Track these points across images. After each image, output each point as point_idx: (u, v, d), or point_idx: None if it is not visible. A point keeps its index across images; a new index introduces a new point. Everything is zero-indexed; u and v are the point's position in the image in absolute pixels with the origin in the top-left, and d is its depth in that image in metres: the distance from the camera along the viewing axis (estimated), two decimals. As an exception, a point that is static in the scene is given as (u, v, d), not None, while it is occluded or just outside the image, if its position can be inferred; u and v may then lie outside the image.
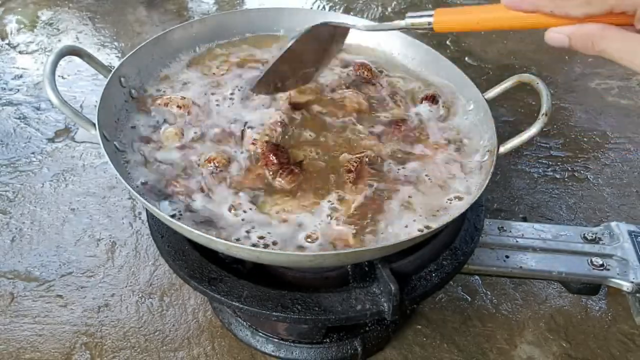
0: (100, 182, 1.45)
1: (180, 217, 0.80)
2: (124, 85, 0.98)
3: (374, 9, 2.34)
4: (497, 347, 1.10)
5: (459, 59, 1.99)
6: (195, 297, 1.17)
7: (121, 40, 2.08)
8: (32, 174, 1.47)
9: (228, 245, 0.73)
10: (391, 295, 0.81)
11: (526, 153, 1.60)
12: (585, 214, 1.41)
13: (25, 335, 1.09)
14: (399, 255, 0.87)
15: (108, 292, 1.18)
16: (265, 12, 1.18)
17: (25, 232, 1.31)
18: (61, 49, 0.88)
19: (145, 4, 2.31)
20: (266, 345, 1.02)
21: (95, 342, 1.08)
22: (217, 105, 0.99)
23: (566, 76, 1.95)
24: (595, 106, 1.81)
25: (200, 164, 0.88)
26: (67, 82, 1.80)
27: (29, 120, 1.65)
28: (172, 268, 0.90)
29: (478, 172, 0.92)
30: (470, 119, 1.02)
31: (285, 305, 0.83)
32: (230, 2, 2.38)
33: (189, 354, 1.07)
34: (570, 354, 1.10)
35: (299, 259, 0.76)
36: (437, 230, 0.79)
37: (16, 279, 1.20)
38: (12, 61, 1.92)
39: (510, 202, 1.43)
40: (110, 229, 1.32)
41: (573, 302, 1.19)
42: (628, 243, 1.11)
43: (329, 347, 1.00)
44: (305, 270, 0.93)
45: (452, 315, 1.16)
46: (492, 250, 1.08)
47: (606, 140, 1.67)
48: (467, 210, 0.83)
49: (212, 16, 1.15)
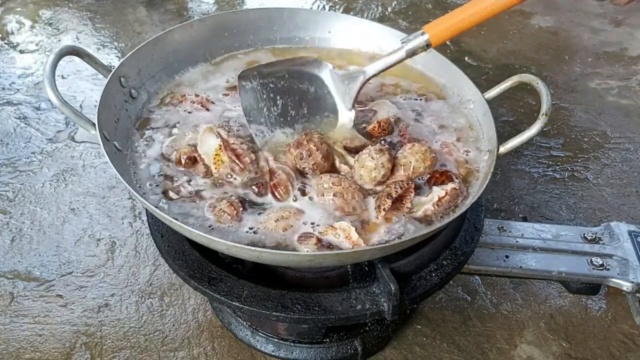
0: (100, 182, 1.45)
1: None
2: (124, 85, 0.98)
3: (374, 9, 2.34)
4: (497, 346, 1.10)
5: (459, 59, 1.99)
6: (195, 297, 1.17)
7: (121, 40, 2.08)
8: (32, 173, 1.47)
9: (228, 245, 0.73)
10: (391, 295, 0.81)
11: (526, 153, 1.60)
12: (585, 214, 1.41)
13: (25, 335, 1.09)
14: (399, 255, 0.87)
15: (108, 292, 1.18)
16: (265, 12, 1.18)
17: (25, 232, 1.31)
18: (61, 49, 0.88)
19: (145, 4, 2.31)
20: (266, 345, 1.02)
21: (95, 342, 1.08)
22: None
23: (566, 76, 1.95)
24: (595, 106, 1.81)
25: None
26: (67, 82, 1.80)
27: (29, 120, 1.65)
28: (172, 268, 0.90)
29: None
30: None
31: (285, 305, 0.83)
32: (230, 2, 2.38)
33: (189, 353, 1.07)
34: (570, 354, 1.10)
35: (298, 258, 0.76)
36: (437, 230, 0.79)
37: (16, 278, 1.20)
38: (12, 61, 1.92)
39: (510, 202, 1.43)
40: (110, 229, 1.32)
41: (573, 302, 1.19)
42: (628, 243, 1.11)
43: (329, 347, 1.00)
44: (305, 270, 0.93)
45: (452, 315, 1.16)
46: (492, 250, 1.08)
47: (606, 140, 1.67)
48: (467, 210, 0.83)
49: (212, 16, 1.14)
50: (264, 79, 0.95)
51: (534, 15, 2.33)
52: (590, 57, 2.07)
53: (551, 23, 2.28)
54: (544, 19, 2.30)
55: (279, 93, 0.95)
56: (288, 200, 0.85)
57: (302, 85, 0.96)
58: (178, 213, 0.82)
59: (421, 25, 2.19)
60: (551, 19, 2.31)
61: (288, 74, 0.96)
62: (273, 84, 0.95)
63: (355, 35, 1.18)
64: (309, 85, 0.97)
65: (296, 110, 0.95)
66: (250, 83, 0.95)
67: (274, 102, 0.95)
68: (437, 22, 0.83)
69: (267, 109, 0.94)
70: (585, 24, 2.27)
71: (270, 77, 0.95)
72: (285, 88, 0.96)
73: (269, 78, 0.95)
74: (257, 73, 0.95)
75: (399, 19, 2.27)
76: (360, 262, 0.89)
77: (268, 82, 0.95)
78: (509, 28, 2.23)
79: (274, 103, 0.95)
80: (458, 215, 0.80)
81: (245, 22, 1.16)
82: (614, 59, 2.06)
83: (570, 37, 2.19)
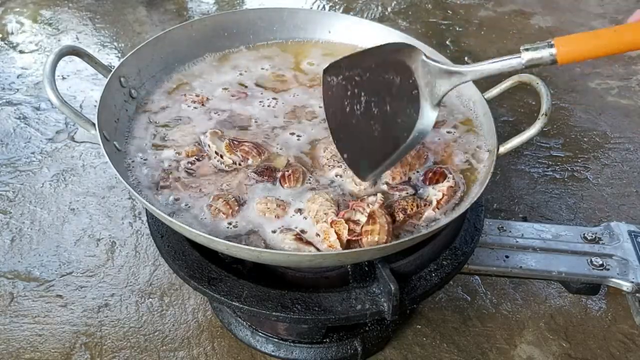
0: (100, 182, 1.45)
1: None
2: (124, 85, 0.98)
3: (374, 9, 2.34)
4: (497, 346, 1.10)
5: (458, 58, 1.99)
6: (195, 297, 1.17)
7: (121, 40, 2.08)
8: (32, 173, 1.47)
9: (228, 245, 0.73)
10: (391, 295, 0.81)
11: (526, 153, 1.60)
12: (585, 214, 1.41)
13: (25, 335, 1.09)
14: (399, 255, 0.87)
15: (108, 292, 1.18)
16: (265, 12, 1.18)
17: (25, 232, 1.31)
18: (61, 49, 0.88)
19: (145, 4, 2.31)
20: (266, 345, 1.02)
21: (95, 342, 1.08)
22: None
23: (566, 76, 1.95)
24: (595, 106, 1.81)
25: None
26: (67, 82, 1.80)
27: (29, 120, 1.65)
28: (172, 268, 0.90)
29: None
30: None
31: (285, 305, 0.83)
32: (230, 2, 2.38)
33: (189, 354, 1.07)
34: (570, 354, 1.10)
35: (298, 258, 0.76)
36: (437, 230, 0.79)
37: (16, 279, 1.20)
38: (12, 61, 1.92)
39: (510, 202, 1.43)
40: (110, 229, 1.32)
41: (573, 302, 1.19)
42: (628, 243, 1.11)
43: (328, 347, 1.00)
44: (305, 270, 0.93)
45: (452, 315, 1.16)
46: (492, 250, 1.08)
47: (606, 140, 1.67)
48: (467, 210, 0.83)
49: (212, 16, 1.14)
50: (350, 71, 0.86)
51: (534, 15, 2.33)
52: (590, 57, 2.07)
53: (551, 23, 2.28)
54: (544, 19, 2.30)
55: (363, 88, 0.85)
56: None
57: (387, 76, 0.83)
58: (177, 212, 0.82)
59: (421, 25, 2.21)
60: (551, 18, 2.31)
61: (375, 64, 0.84)
62: (359, 76, 0.86)
63: (355, 35, 1.18)
64: (394, 75, 0.83)
65: (379, 107, 0.84)
66: (335, 78, 0.88)
67: (357, 99, 0.86)
68: (572, 38, 0.69)
69: (350, 108, 0.87)
70: (585, 24, 2.27)
71: (356, 68, 0.86)
72: (370, 81, 0.85)
73: (354, 70, 0.86)
74: (343, 65, 0.87)
75: (399, 19, 2.27)
76: (360, 262, 0.89)
77: (353, 74, 0.86)
78: (509, 28, 2.23)
79: (358, 100, 0.86)
80: (458, 215, 0.80)
81: (245, 22, 1.16)
82: (614, 58, 2.06)
83: (570, 37, 2.19)
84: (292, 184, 0.87)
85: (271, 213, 0.82)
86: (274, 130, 0.98)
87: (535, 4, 2.40)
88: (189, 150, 0.91)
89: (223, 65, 1.12)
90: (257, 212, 0.83)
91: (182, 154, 0.91)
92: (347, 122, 0.87)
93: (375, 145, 0.84)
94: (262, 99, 1.05)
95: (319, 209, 0.82)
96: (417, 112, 0.81)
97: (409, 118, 0.81)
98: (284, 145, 0.95)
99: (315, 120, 1.01)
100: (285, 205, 0.84)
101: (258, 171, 0.89)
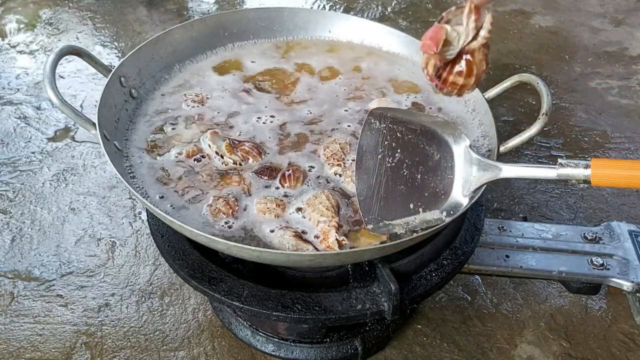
0: (101, 181, 1.45)
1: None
2: (124, 85, 0.98)
3: (374, 9, 2.34)
4: (497, 346, 1.10)
5: (459, 58, 1.98)
6: (195, 296, 1.17)
7: (121, 40, 2.08)
8: (32, 173, 1.47)
9: (228, 245, 0.73)
10: (391, 295, 0.81)
11: (526, 153, 1.60)
12: (585, 214, 1.41)
13: (26, 335, 1.09)
14: (399, 255, 0.87)
15: (108, 291, 1.18)
16: (265, 12, 1.18)
17: (26, 232, 1.31)
18: (61, 49, 0.88)
19: (145, 3, 2.31)
20: (266, 345, 1.02)
21: (96, 342, 1.08)
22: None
23: (566, 76, 1.95)
24: (595, 106, 1.81)
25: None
26: (67, 81, 1.80)
27: (29, 119, 1.65)
28: (173, 268, 0.90)
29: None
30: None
31: (285, 305, 0.83)
32: (230, 2, 2.38)
33: (189, 353, 1.07)
34: (570, 354, 1.10)
35: (299, 258, 0.76)
36: (437, 230, 0.79)
37: (16, 278, 1.20)
38: (12, 61, 1.92)
39: (510, 201, 1.43)
40: (110, 229, 1.32)
41: (573, 302, 1.19)
42: (628, 242, 1.11)
43: (329, 347, 1.00)
44: (305, 270, 0.93)
45: (452, 315, 1.16)
46: (492, 250, 1.08)
47: (606, 139, 1.67)
48: (467, 210, 0.83)
49: (213, 16, 1.15)
50: (395, 124, 0.87)
51: (534, 15, 2.33)
52: (591, 56, 2.07)
53: (551, 23, 2.28)
54: (544, 19, 2.30)
55: (401, 146, 0.86)
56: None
57: (428, 148, 0.85)
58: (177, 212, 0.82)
59: (421, 25, 2.21)
60: (551, 18, 2.31)
61: (420, 130, 0.86)
62: (401, 133, 0.87)
63: (355, 35, 1.18)
64: (436, 151, 0.85)
65: (410, 171, 0.85)
66: (378, 123, 0.88)
67: (392, 152, 0.86)
68: (610, 163, 0.69)
69: (382, 156, 0.87)
70: (585, 24, 2.27)
71: (402, 125, 0.87)
72: (410, 143, 0.86)
73: (399, 125, 0.87)
74: (390, 116, 0.88)
75: (399, 19, 2.27)
76: (360, 261, 0.89)
77: (397, 129, 0.87)
78: (509, 28, 2.23)
79: (392, 154, 0.86)
80: (458, 215, 0.80)
81: (245, 22, 1.17)
82: (614, 58, 2.06)
83: (570, 37, 2.19)
84: (292, 183, 0.87)
85: (271, 212, 0.82)
86: (274, 130, 0.98)
87: (536, 4, 2.40)
88: (189, 150, 0.92)
89: (223, 65, 1.12)
90: (257, 211, 0.83)
91: (182, 153, 0.91)
92: (375, 167, 0.87)
93: (393, 203, 0.84)
94: (262, 98, 1.05)
95: (319, 209, 0.82)
96: (446, 195, 0.83)
97: (437, 198, 0.83)
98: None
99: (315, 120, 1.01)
100: (285, 204, 0.84)
101: (258, 171, 0.89)
